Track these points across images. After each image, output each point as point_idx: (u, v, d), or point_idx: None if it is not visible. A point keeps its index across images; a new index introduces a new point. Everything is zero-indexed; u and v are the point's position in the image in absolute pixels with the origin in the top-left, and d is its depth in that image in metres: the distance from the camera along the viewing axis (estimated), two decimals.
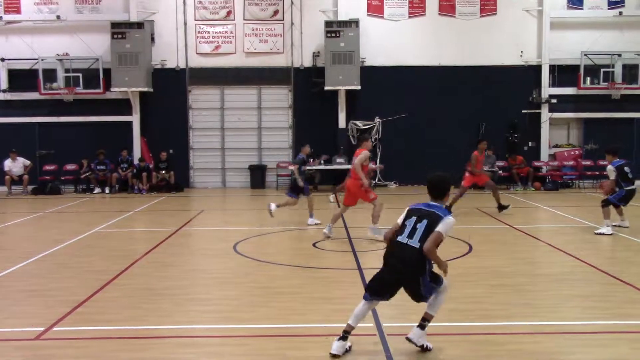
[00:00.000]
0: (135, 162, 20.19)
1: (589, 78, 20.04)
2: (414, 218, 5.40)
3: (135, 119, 20.49)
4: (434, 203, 5.51)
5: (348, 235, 11.59)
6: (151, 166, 20.06)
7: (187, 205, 17.29)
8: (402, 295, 7.59)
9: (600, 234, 11.35)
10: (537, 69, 20.30)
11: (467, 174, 14.31)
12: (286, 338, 5.99)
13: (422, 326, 5.56)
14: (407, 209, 5.58)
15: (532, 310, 6.87)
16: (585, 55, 19.86)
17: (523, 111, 20.28)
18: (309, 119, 20.30)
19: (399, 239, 5.41)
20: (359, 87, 19.53)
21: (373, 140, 20.00)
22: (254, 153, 20.84)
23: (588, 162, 20.01)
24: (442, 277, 5.51)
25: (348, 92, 19.95)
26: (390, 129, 19.98)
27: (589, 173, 19.96)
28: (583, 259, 9.31)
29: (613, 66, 19.90)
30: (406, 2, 20.23)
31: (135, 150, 20.56)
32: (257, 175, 20.48)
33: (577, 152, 20.35)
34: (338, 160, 19.41)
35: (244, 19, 20.41)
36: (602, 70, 19.87)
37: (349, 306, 6.97)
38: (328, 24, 19.59)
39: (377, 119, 19.99)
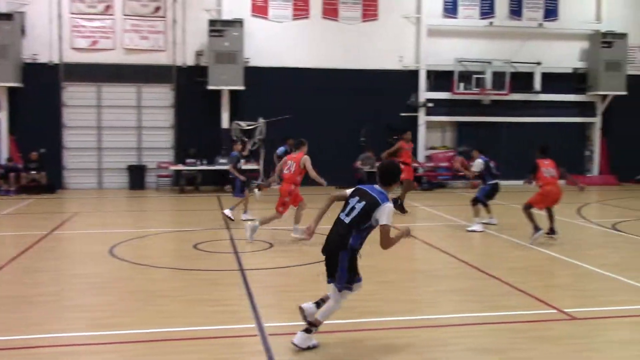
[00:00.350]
0: (3, 161, 18.92)
1: (462, 84, 21.09)
2: (356, 198, 5.49)
3: (2, 116, 19.19)
4: (379, 188, 5.54)
5: (230, 236, 11.47)
6: (20, 166, 18.86)
7: (60, 208, 16.41)
8: (284, 294, 7.62)
9: (471, 231, 11.97)
10: (415, 74, 21.11)
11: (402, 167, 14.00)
12: (168, 342, 5.83)
13: (308, 330, 5.56)
14: (355, 187, 5.69)
15: (410, 305, 7.12)
16: (459, 62, 20.89)
17: (401, 114, 21.00)
18: (191, 119, 19.91)
19: (339, 214, 5.56)
20: (243, 88, 19.42)
21: (256, 141, 19.95)
22: (133, 153, 20.13)
23: None
24: (359, 281, 5.65)
25: (232, 92, 19.78)
26: (274, 130, 19.98)
27: (462, 174, 20.94)
28: (457, 255, 9.77)
29: (484, 73, 21.07)
30: (290, 4, 20.36)
31: (2, 149, 19.26)
32: (136, 176, 19.81)
33: (451, 153, 21.34)
34: (221, 160, 19.17)
35: (124, 15, 19.69)
36: (474, 76, 20.99)
37: (231, 307, 6.92)
38: (212, 22, 19.31)
39: (260, 120, 19.95)
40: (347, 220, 5.43)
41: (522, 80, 21.47)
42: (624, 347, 5.88)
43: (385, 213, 5.35)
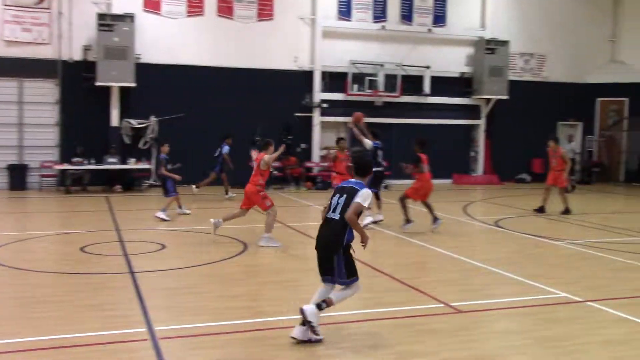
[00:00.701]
0: None
1: (356, 85, 21.50)
2: (337, 195, 5.96)
3: None
4: (355, 180, 6.10)
5: (120, 237, 11.07)
6: None
7: None
8: (176, 297, 7.45)
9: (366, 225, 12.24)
10: (309, 74, 21.28)
11: (333, 174, 13.92)
12: (52, 351, 5.53)
13: (319, 306, 5.75)
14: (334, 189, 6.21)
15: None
16: (353, 64, 21.28)
17: (296, 114, 21.13)
18: (78, 116, 19.00)
19: (327, 215, 5.95)
20: (134, 84, 18.80)
21: (148, 140, 19.41)
22: (14, 151, 18.96)
23: None
24: (356, 275, 5.98)
25: (122, 89, 19.10)
26: (168, 129, 19.52)
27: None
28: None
29: (377, 75, 21.59)
30: (184, 1, 19.93)
31: None
32: (17, 176, 18.67)
33: (346, 153, 21.65)
34: (110, 159, 18.47)
35: (4, 5, 18.50)
36: (367, 78, 21.45)
37: (120, 312, 6.68)
38: (101, 16, 18.54)
39: (152, 118, 19.42)
40: (337, 217, 5.82)
41: (412, 83, 22.18)
42: (504, 337, 6.21)
43: (361, 195, 5.82)
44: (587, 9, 24.42)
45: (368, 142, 12.76)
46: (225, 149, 17.29)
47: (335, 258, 5.82)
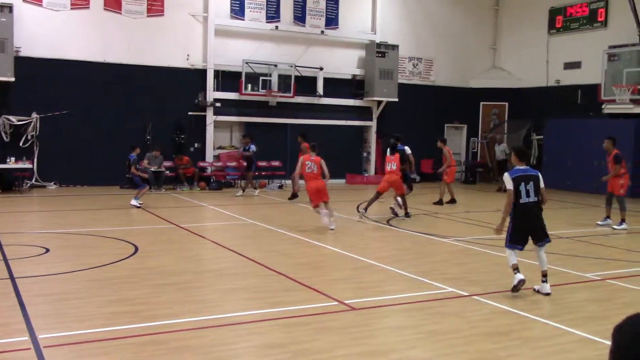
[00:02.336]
0: None
1: (250, 85, 21.38)
2: (523, 183, 7.62)
3: None
4: (527, 167, 7.92)
5: None
6: None
7: None
8: (61, 302, 7.09)
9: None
10: (202, 73, 20.93)
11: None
12: None
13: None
14: None
15: (197, 306, 7.01)
16: (247, 63, 21.14)
17: (189, 113, 20.71)
18: None
19: (527, 199, 7.69)
20: (13, 79, 17.70)
21: (29, 137, 18.34)
22: None
23: None
24: None
25: (0, 83, 17.94)
26: (50, 126, 18.54)
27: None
28: (244, 253, 9.86)
29: (270, 75, 21.58)
30: None
31: None
32: None
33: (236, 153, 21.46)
34: None
35: None
36: (261, 78, 21.38)
37: (0, 320, 6.26)
38: None
39: (34, 115, 18.38)
40: (535, 198, 7.75)
41: (306, 84, 22.38)
42: (396, 332, 6.39)
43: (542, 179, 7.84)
44: (471, 18, 25.67)
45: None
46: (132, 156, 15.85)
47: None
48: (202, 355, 5.47)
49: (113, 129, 19.29)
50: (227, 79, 21.19)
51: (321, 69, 22.57)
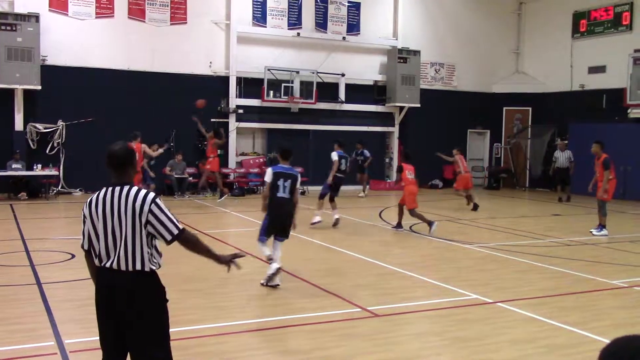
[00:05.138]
0: None
1: (272, 91, 21.47)
2: (282, 179, 8.38)
3: None
4: (288, 166, 8.61)
5: (25, 247, 10.54)
6: None
7: None
8: (86, 308, 7.14)
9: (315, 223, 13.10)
10: (225, 80, 21.06)
11: None
12: None
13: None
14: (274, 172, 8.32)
15: (220, 312, 7.04)
16: (269, 70, 21.24)
17: (212, 120, 20.84)
18: None
19: (277, 195, 8.38)
20: (40, 87, 17.99)
21: (55, 145, 18.60)
22: None
23: None
24: None
25: (26, 91, 18.22)
26: (76, 134, 18.80)
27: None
28: (267, 260, 9.85)
29: (292, 82, 21.65)
30: (93, 1, 19.26)
31: None
32: None
33: (261, 160, 21.61)
34: (14, 165, 17.55)
35: None
36: (283, 85, 21.46)
37: (27, 325, 6.34)
38: (2, 15, 17.65)
39: (60, 122, 18.65)
40: (288, 195, 8.26)
41: (328, 90, 22.40)
42: (420, 339, 6.34)
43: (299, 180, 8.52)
44: (493, 22, 25.51)
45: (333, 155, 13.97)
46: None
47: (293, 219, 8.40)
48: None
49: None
50: (250, 85, 21.30)
51: (343, 75, 22.59)
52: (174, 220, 3.89)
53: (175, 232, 3.87)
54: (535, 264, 10.04)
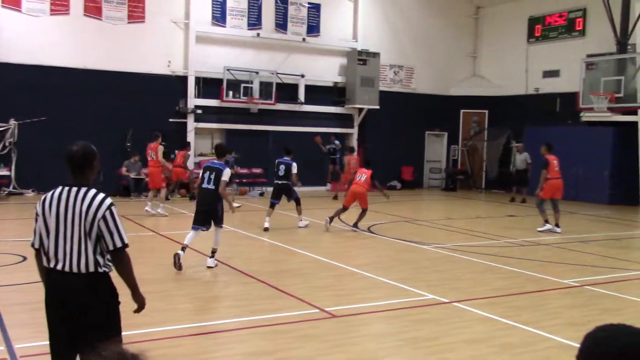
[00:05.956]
0: None
1: (231, 92, 21.34)
2: (207, 172, 9.19)
3: None
4: (218, 161, 9.45)
5: None
6: None
7: None
8: (38, 311, 6.96)
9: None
10: (183, 79, 20.84)
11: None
12: None
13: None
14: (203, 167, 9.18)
15: (176, 314, 6.96)
16: (228, 70, 21.10)
17: (170, 120, 20.60)
18: None
19: (202, 186, 9.29)
20: None
21: (7, 144, 18.11)
22: None
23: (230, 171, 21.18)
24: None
25: None
26: (29, 133, 18.33)
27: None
28: (225, 261, 9.80)
29: (252, 82, 21.56)
30: None
31: None
32: None
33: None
34: None
35: None
36: (242, 85, 21.35)
37: None
38: None
39: (12, 122, 18.15)
40: (212, 186, 9.05)
41: (287, 91, 22.38)
42: (377, 339, 6.38)
43: (225, 174, 9.13)
44: (451, 26, 25.88)
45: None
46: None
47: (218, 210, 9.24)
48: None
49: (92, 135, 19.06)
50: (208, 85, 21.13)
51: (302, 76, 22.60)
52: (122, 234, 3.81)
53: (119, 244, 3.80)
54: (490, 264, 10.21)
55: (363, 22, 23.80)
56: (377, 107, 23.44)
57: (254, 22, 21.96)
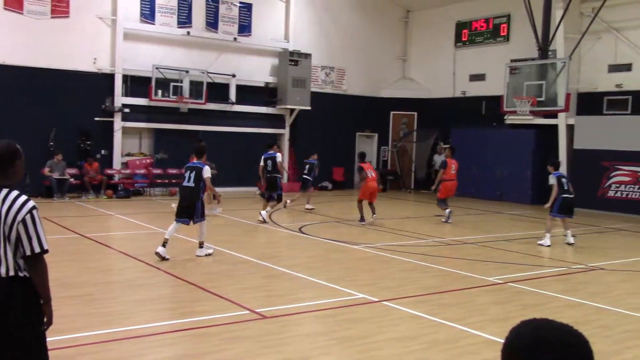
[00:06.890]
0: None
1: (160, 91, 20.89)
2: (188, 171, 10.23)
3: None
4: (198, 161, 10.44)
5: None
6: None
7: None
8: None
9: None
10: (110, 77, 20.26)
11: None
12: None
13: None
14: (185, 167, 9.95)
15: (103, 318, 6.77)
16: (157, 68, 20.65)
17: (96, 118, 20.00)
18: None
19: (183, 184, 10.36)
20: None
21: None
22: None
23: (159, 171, 20.78)
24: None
25: None
26: None
27: (159, 181, 20.81)
28: (153, 263, 9.61)
29: (182, 81, 21.20)
30: None
31: None
32: None
33: (148, 160, 20.97)
34: None
35: None
36: (172, 84, 20.96)
37: None
38: None
39: None
40: (192, 184, 10.06)
41: (218, 91, 22.13)
42: (308, 339, 6.40)
43: (206, 171, 10.09)
44: (381, 29, 26.27)
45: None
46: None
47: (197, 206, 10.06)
48: None
49: (13, 135, 18.27)
50: (137, 84, 20.63)
51: (234, 76, 22.41)
52: (42, 239, 3.64)
53: (37, 250, 3.62)
54: (419, 263, 10.42)
55: (295, 23, 23.83)
56: (309, 108, 23.51)
57: (184, 20, 21.61)
